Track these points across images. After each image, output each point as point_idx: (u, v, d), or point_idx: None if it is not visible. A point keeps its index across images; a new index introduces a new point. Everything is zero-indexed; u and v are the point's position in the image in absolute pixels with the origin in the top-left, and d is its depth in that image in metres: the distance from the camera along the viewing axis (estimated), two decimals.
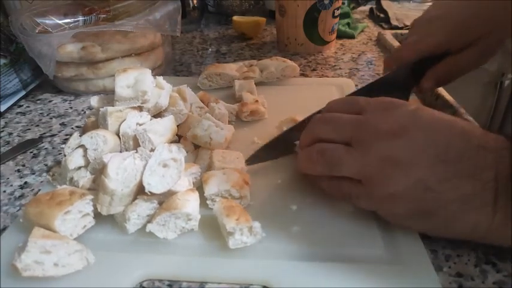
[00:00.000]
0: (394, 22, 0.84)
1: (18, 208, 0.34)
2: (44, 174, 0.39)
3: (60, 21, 0.55)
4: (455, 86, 0.46)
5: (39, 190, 0.36)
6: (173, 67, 0.66)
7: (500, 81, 0.89)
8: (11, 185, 0.37)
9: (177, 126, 0.38)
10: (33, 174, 0.39)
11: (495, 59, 0.51)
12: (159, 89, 0.39)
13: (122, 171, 0.28)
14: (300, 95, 0.51)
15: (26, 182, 0.38)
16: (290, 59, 0.56)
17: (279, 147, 0.37)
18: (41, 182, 0.38)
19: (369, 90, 0.41)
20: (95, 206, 0.29)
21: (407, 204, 0.26)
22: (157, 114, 0.39)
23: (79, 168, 0.33)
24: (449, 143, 0.25)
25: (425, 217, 0.26)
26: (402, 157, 0.25)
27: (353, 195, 0.29)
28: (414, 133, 0.26)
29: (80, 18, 0.56)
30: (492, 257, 0.28)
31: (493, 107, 0.94)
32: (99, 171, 0.31)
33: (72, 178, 0.32)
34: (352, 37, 0.77)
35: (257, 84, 0.51)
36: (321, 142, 0.30)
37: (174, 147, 0.30)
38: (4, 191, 0.36)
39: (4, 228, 0.32)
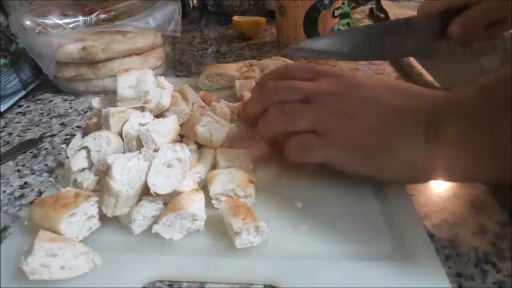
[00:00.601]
0: None
1: (18, 208, 0.34)
2: (45, 174, 0.39)
3: (60, 21, 0.54)
4: (455, 86, 0.46)
5: (39, 190, 0.36)
6: (173, 67, 0.66)
7: None
8: (11, 185, 0.37)
9: (180, 125, 0.38)
10: (33, 174, 0.39)
11: (495, 58, 0.52)
12: (160, 89, 0.39)
13: (126, 172, 0.28)
14: None
15: (26, 182, 0.38)
16: (290, 59, 0.56)
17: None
18: (41, 182, 0.38)
19: (398, 26, 0.47)
20: (100, 207, 0.29)
21: (356, 147, 0.30)
22: (160, 114, 0.39)
23: (83, 170, 0.33)
24: (392, 93, 0.30)
25: (372, 158, 0.29)
26: (353, 109, 0.30)
27: (309, 147, 0.31)
28: (361, 89, 0.31)
29: (80, 18, 0.56)
30: (492, 257, 0.28)
31: None
32: (103, 172, 0.31)
33: (76, 180, 0.32)
34: None
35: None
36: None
37: (178, 146, 0.30)
38: (4, 191, 0.36)
39: (4, 228, 0.32)
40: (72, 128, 0.48)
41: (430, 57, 0.55)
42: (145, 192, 0.29)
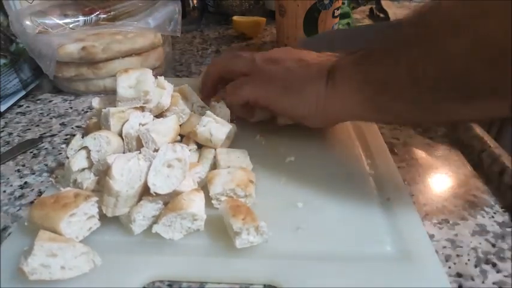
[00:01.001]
0: None
1: (18, 208, 0.34)
2: (45, 174, 0.39)
3: (60, 21, 0.54)
4: None
5: (39, 190, 0.36)
6: (173, 67, 0.66)
7: None
8: (11, 185, 0.37)
9: (180, 125, 0.38)
10: (33, 174, 0.39)
11: None
12: (160, 89, 0.39)
13: (126, 172, 0.28)
14: None
15: (26, 182, 0.38)
16: None
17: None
18: (41, 182, 0.38)
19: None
20: (100, 208, 0.29)
21: (276, 83, 0.37)
22: (160, 114, 0.39)
23: (83, 170, 0.32)
24: (307, 52, 0.40)
25: (286, 91, 0.36)
26: (278, 57, 0.39)
27: (243, 84, 0.39)
28: (290, 51, 0.41)
29: (80, 18, 0.56)
30: (492, 257, 0.28)
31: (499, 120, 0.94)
32: (103, 172, 0.31)
33: (76, 180, 0.32)
34: None
35: None
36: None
37: (178, 146, 0.30)
38: (4, 191, 0.36)
39: (4, 228, 0.32)
40: (72, 128, 0.48)
41: None
42: (145, 192, 0.29)
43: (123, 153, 0.34)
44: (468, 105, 0.26)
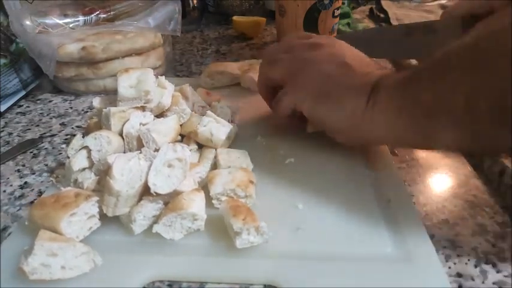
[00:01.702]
0: (394, 22, 0.84)
1: (18, 208, 0.34)
2: (45, 174, 0.39)
3: (60, 21, 0.54)
4: None
5: (39, 190, 0.36)
6: (173, 67, 0.66)
7: None
8: (11, 185, 0.37)
9: (180, 125, 0.38)
10: (33, 174, 0.39)
11: None
12: (161, 89, 0.39)
13: (126, 172, 0.28)
14: None
15: (26, 182, 0.38)
16: None
17: None
18: (41, 182, 0.38)
19: (421, 27, 0.48)
20: (100, 207, 0.29)
21: (313, 88, 0.35)
22: (160, 114, 0.39)
23: (83, 169, 0.33)
24: (352, 53, 0.36)
25: (323, 99, 0.34)
26: (318, 58, 0.36)
27: (282, 95, 0.38)
28: (333, 47, 0.37)
29: (80, 18, 0.56)
30: (492, 257, 0.28)
31: None
32: (103, 172, 0.31)
33: (76, 180, 0.32)
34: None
35: None
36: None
37: (178, 146, 0.30)
38: (4, 191, 0.36)
39: (4, 228, 0.32)
40: (72, 128, 0.48)
41: None
42: (145, 192, 0.29)
43: (124, 153, 0.34)
44: None
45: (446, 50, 0.27)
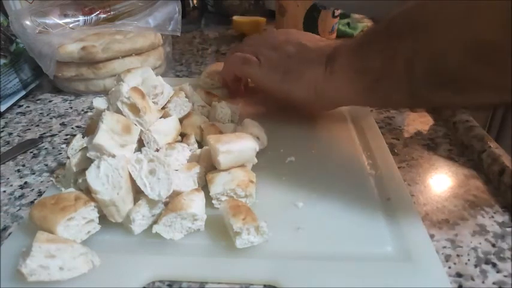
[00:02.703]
0: None
1: (18, 208, 0.34)
2: (45, 174, 0.39)
3: (60, 21, 0.54)
4: None
5: (39, 190, 0.36)
6: (173, 67, 0.66)
7: None
8: (11, 185, 0.37)
9: (181, 122, 0.38)
10: (33, 174, 0.39)
11: None
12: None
13: (105, 179, 0.28)
14: None
15: (26, 182, 0.38)
16: None
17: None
18: (41, 182, 0.38)
19: None
20: (100, 210, 0.29)
21: (277, 68, 0.39)
22: (162, 109, 0.39)
23: (83, 170, 0.32)
24: (305, 35, 0.42)
25: (286, 77, 0.38)
26: (279, 44, 0.41)
27: (251, 61, 0.41)
28: (291, 35, 0.42)
29: (80, 18, 0.56)
30: (492, 257, 0.28)
31: (493, 107, 0.94)
32: (86, 189, 0.30)
33: (76, 180, 0.32)
34: (351, 36, 0.77)
35: None
36: None
37: (179, 147, 0.30)
38: (4, 191, 0.36)
39: (4, 228, 0.32)
40: (72, 128, 0.48)
41: None
42: (136, 185, 0.29)
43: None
44: (463, 96, 0.27)
45: (391, 16, 0.30)
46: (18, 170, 0.40)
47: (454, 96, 0.27)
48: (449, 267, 0.27)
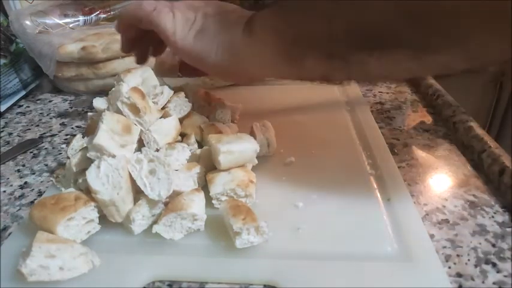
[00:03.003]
0: None
1: (18, 208, 0.34)
2: (45, 174, 0.39)
3: (60, 21, 0.54)
4: (455, 86, 0.47)
5: (39, 190, 0.36)
6: None
7: (500, 81, 0.89)
8: (11, 185, 0.37)
9: (181, 122, 0.38)
10: (33, 174, 0.39)
11: None
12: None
13: (105, 179, 0.28)
14: (303, 94, 0.51)
15: (26, 182, 0.38)
16: None
17: None
18: (41, 182, 0.38)
19: None
20: (100, 210, 0.29)
21: (192, 25, 0.35)
22: (162, 108, 0.39)
23: (84, 170, 0.32)
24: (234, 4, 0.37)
25: (201, 36, 0.34)
26: (198, 4, 0.36)
27: (161, 7, 0.35)
28: None
29: (80, 18, 0.56)
30: (492, 257, 0.28)
31: (493, 107, 0.94)
32: (86, 189, 0.30)
33: (76, 180, 0.32)
34: None
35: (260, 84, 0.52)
36: None
37: (179, 146, 0.30)
38: (4, 191, 0.36)
39: (4, 228, 0.32)
40: (72, 128, 0.48)
41: None
42: (136, 185, 0.29)
43: None
44: (379, 57, 0.26)
45: None
46: (18, 170, 0.40)
47: (369, 58, 0.26)
48: (449, 267, 0.27)
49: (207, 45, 0.34)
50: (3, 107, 0.51)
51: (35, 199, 0.35)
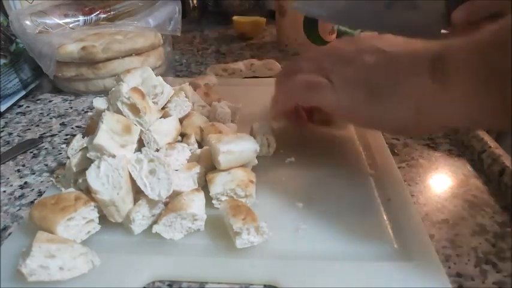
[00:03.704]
0: None
1: (18, 208, 0.34)
2: (45, 174, 0.39)
3: (60, 21, 0.54)
4: None
5: (39, 190, 0.36)
6: (173, 67, 0.66)
7: None
8: (11, 185, 0.37)
9: (181, 122, 0.38)
10: (33, 174, 0.39)
11: None
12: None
13: (105, 179, 0.28)
14: None
15: (26, 182, 0.38)
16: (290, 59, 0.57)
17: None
18: (41, 182, 0.38)
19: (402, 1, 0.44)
20: (100, 210, 0.29)
21: (359, 88, 0.29)
22: (162, 109, 0.39)
23: (84, 170, 0.32)
24: (393, 42, 0.30)
25: (374, 96, 0.28)
26: (353, 55, 0.30)
27: (318, 86, 0.31)
28: (361, 42, 0.31)
29: (80, 18, 0.56)
30: (492, 257, 0.28)
31: None
32: (86, 189, 0.30)
33: (76, 180, 0.32)
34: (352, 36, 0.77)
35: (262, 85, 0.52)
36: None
37: (179, 146, 0.30)
38: (4, 191, 0.36)
39: (4, 228, 0.32)
40: (72, 128, 0.48)
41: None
42: (136, 185, 0.29)
43: None
44: None
45: None
46: (18, 170, 0.40)
47: None
48: (449, 267, 0.27)
49: (385, 107, 0.28)
50: (3, 107, 0.51)
51: (35, 199, 0.35)
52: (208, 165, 0.34)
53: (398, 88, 0.27)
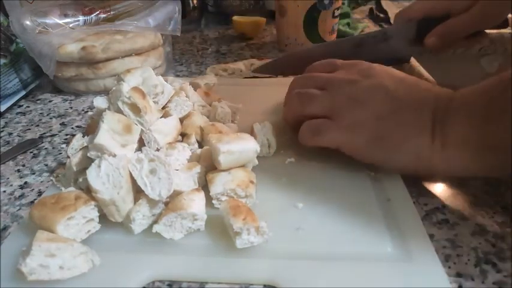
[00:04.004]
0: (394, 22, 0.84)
1: (18, 208, 0.34)
2: (45, 174, 0.39)
3: (60, 21, 0.54)
4: (454, 86, 0.47)
5: (39, 190, 0.36)
6: (173, 67, 0.66)
7: None
8: (11, 185, 0.37)
9: (181, 122, 0.38)
10: (33, 174, 0.39)
11: (495, 60, 0.52)
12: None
13: (106, 178, 0.28)
14: None
15: (26, 182, 0.38)
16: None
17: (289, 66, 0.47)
18: (41, 182, 0.38)
19: (373, 37, 0.50)
20: (100, 209, 0.29)
21: (364, 132, 0.32)
22: (162, 108, 0.39)
23: (84, 169, 0.33)
24: (400, 85, 0.32)
25: (378, 143, 0.32)
26: (362, 96, 0.33)
27: (320, 130, 0.34)
28: (373, 78, 0.33)
29: (80, 18, 0.56)
30: (492, 257, 0.28)
31: None
32: (87, 189, 0.30)
33: (77, 179, 0.32)
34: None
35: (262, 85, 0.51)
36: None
37: (179, 146, 0.30)
38: (4, 191, 0.36)
39: (4, 228, 0.32)
40: (72, 128, 0.48)
41: (417, 57, 0.57)
42: (137, 184, 0.29)
43: None
44: None
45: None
46: (18, 170, 0.40)
47: None
48: (449, 267, 0.27)
49: (387, 154, 0.32)
50: (3, 107, 0.51)
51: (35, 199, 0.35)
52: (209, 165, 0.34)
53: (402, 143, 0.31)
